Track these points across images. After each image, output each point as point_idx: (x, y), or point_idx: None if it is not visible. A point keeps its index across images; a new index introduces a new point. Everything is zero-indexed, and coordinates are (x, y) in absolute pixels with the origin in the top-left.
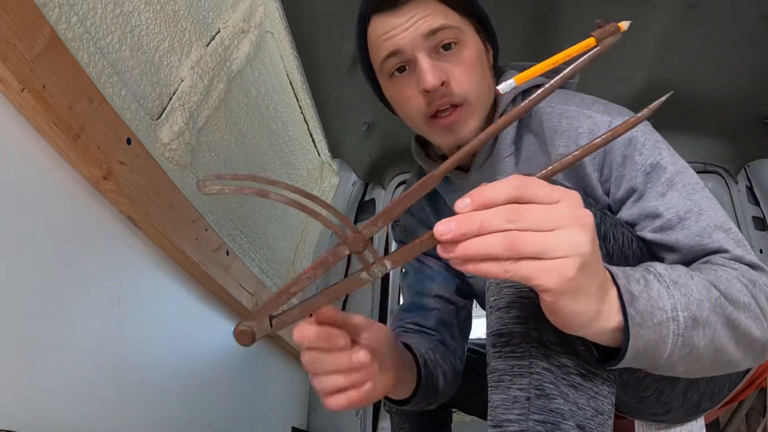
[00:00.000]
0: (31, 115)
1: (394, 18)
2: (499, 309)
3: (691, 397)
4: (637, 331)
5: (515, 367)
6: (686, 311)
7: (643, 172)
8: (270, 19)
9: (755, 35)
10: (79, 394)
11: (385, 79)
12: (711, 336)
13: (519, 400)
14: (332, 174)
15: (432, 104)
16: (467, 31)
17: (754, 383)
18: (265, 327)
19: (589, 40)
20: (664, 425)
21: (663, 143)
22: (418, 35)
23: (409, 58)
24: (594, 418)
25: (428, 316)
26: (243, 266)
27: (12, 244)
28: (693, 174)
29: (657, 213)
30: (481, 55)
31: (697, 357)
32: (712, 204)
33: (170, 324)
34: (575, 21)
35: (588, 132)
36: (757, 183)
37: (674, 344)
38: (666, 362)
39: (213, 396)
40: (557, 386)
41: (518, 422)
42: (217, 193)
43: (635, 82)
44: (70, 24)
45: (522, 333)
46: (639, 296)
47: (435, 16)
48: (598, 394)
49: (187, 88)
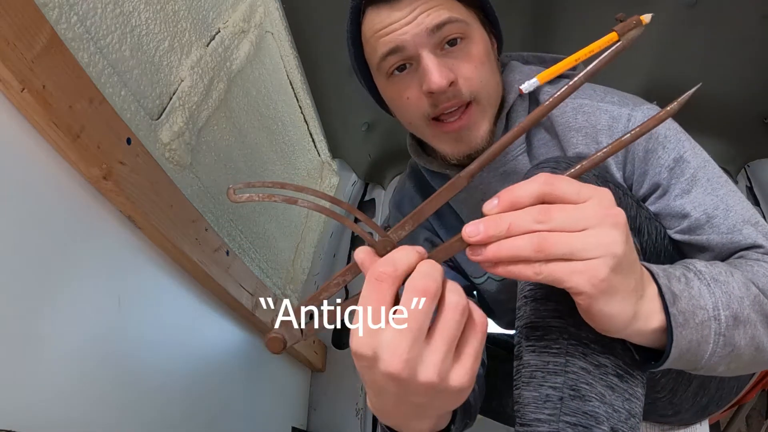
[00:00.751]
0: (31, 115)
1: (394, 11)
2: (536, 300)
3: (700, 399)
4: (680, 332)
5: (550, 363)
6: (728, 310)
7: (667, 167)
8: (270, 19)
9: (755, 35)
10: (79, 394)
11: (382, 79)
12: (752, 334)
13: (551, 400)
14: (332, 174)
15: (437, 106)
16: (473, 24)
17: (758, 385)
18: (296, 334)
19: (611, 35)
20: (669, 427)
21: (684, 134)
22: (421, 30)
23: (411, 56)
24: (627, 421)
25: None
26: (243, 266)
27: (12, 243)
28: (715, 166)
29: (684, 213)
30: (489, 50)
31: (737, 356)
32: (737, 198)
33: (170, 324)
34: (575, 21)
35: (608, 127)
36: (757, 183)
37: (716, 344)
38: (708, 362)
39: (213, 395)
40: (594, 387)
41: (548, 423)
42: (246, 200)
43: (635, 82)
44: (70, 24)
45: (559, 328)
46: (681, 295)
47: (439, 8)
48: (633, 396)
49: (187, 88)
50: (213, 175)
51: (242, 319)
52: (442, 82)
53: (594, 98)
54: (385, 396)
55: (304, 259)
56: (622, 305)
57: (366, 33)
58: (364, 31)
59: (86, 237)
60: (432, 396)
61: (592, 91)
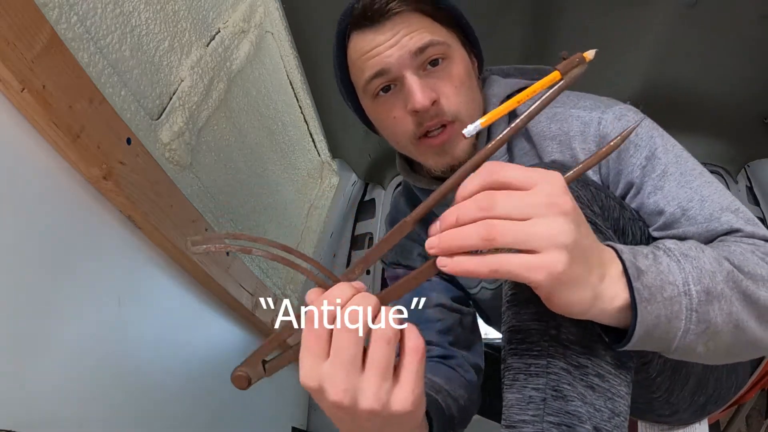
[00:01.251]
0: (31, 115)
1: (378, 34)
2: (517, 304)
3: (698, 399)
4: (645, 307)
5: (532, 366)
6: (699, 284)
7: (639, 166)
8: (270, 19)
9: (755, 35)
10: (79, 394)
11: (368, 100)
12: (728, 310)
13: (534, 401)
14: (332, 174)
15: (422, 125)
16: (454, 45)
17: (758, 384)
18: (259, 372)
19: (554, 74)
20: (668, 427)
21: (657, 131)
22: (405, 53)
23: (395, 77)
24: (611, 420)
25: (429, 328)
26: (243, 266)
27: (12, 243)
28: (690, 160)
29: (659, 209)
30: (469, 69)
31: (715, 335)
32: (714, 188)
33: (170, 324)
34: (575, 21)
35: (580, 133)
36: (757, 183)
37: (688, 320)
38: (682, 341)
39: (213, 395)
40: (575, 387)
41: (533, 423)
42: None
43: (635, 82)
44: (70, 24)
45: (540, 330)
46: (647, 271)
47: (421, 31)
48: (615, 395)
49: (187, 88)
50: (213, 175)
51: (242, 319)
52: (426, 102)
53: (567, 105)
54: (344, 423)
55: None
56: (581, 291)
57: (352, 56)
58: (349, 54)
59: (86, 237)
60: (381, 422)
61: (565, 97)
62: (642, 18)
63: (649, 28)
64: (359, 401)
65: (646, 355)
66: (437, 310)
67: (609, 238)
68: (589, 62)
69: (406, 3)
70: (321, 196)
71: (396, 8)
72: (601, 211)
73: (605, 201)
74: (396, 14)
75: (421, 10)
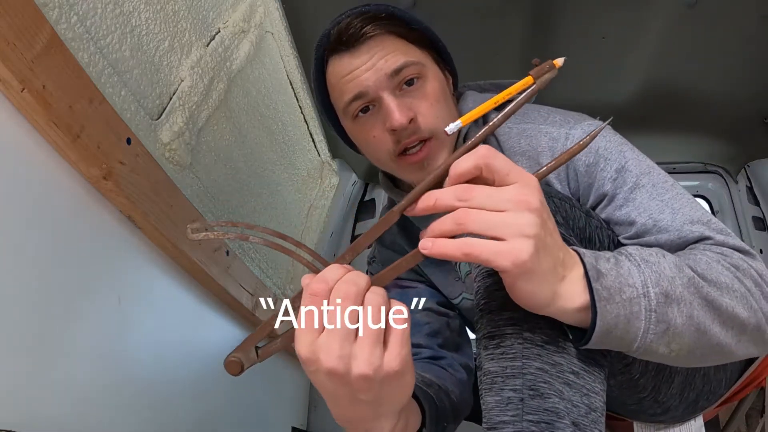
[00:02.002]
0: (31, 115)
1: (354, 58)
2: (491, 312)
3: (688, 395)
4: (604, 306)
5: (508, 368)
6: (657, 287)
7: (610, 179)
8: (270, 19)
9: (755, 35)
10: (79, 394)
11: (348, 121)
12: (688, 313)
13: (513, 402)
14: (332, 174)
15: (400, 142)
16: (428, 64)
17: (754, 382)
18: (252, 357)
19: (527, 79)
20: (663, 425)
21: (626, 145)
22: (381, 76)
23: (373, 98)
24: (588, 415)
25: (417, 332)
26: (243, 266)
27: (12, 244)
28: (661, 173)
29: (630, 220)
30: (444, 86)
31: (676, 336)
32: (685, 201)
33: (170, 324)
34: (575, 21)
35: (548, 149)
36: (757, 183)
37: (648, 320)
38: (643, 341)
39: (213, 395)
40: (552, 385)
41: (512, 423)
42: (202, 238)
43: (635, 81)
44: (70, 24)
45: (513, 334)
46: (607, 273)
47: (396, 53)
48: (591, 391)
49: (187, 88)
50: (213, 175)
51: (242, 319)
52: (403, 120)
53: (537, 121)
54: (339, 399)
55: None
56: (543, 285)
57: (330, 79)
58: (328, 78)
59: (86, 237)
60: (375, 389)
61: (536, 113)
62: (642, 18)
63: (649, 28)
64: (353, 367)
65: (626, 357)
66: (425, 314)
67: (573, 245)
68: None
69: (380, 26)
70: (321, 196)
71: (370, 32)
72: (564, 220)
73: (569, 211)
74: (370, 38)
75: (394, 32)
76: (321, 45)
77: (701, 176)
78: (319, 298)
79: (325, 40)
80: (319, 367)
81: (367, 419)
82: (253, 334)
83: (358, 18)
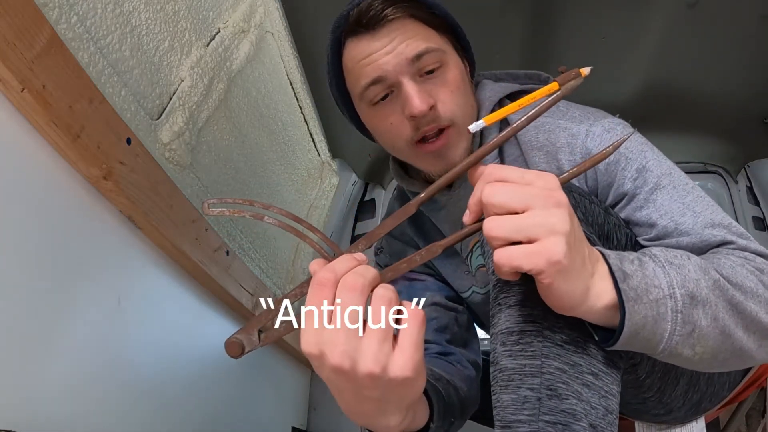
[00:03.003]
0: (31, 115)
1: (374, 41)
2: (510, 306)
3: (692, 396)
4: (632, 306)
5: (526, 366)
6: (683, 288)
7: (631, 178)
8: (270, 19)
9: (755, 35)
10: (79, 394)
11: (365, 106)
12: (713, 315)
13: (530, 401)
14: (332, 174)
15: (419, 129)
16: (448, 51)
17: (755, 383)
18: (254, 341)
19: (553, 85)
20: (665, 426)
21: (647, 146)
22: (402, 60)
23: (392, 83)
24: (605, 417)
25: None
26: (243, 266)
27: (12, 244)
28: (681, 175)
29: (651, 222)
30: (463, 74)
31: (702, 338)
32: (706, 203)
33: (170, 324)
34: (576, 21)
35: (567, 144)
36: (757, 183)
37: (674, 321)
38: (669, 343)
39: (213, 395)
40: (570, 386)
41: (528, 423)
42: (218, 214)
43: (635, 81)
44: (70, 24)
45: (534, 331)
46: (632, 275)
47: (416, 38)
48: (608, 393)
49: (187, 88)
50: (213, 175)
51: (242, 319)
52: (423, 107)
53: (555, 116)
54: (345, 394)
55: (304, 259)
56: (576, 282)
57: (347, 63)
58: (345, 61)
59: (86, 237)
60: (382, 388)
61: (555, 107)
62: (642, 18)
63: (649, 28)
64: (359, 364)
65: (634, 357)
66: (433, 308)
67: (593, 242)
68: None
69: (401, 9)
70: (321, 196)
71: (391, 15)
72: (584, 216)
73: (589, 207)
74: (391, 21)
75: (415, 16)
76: (338, 26)
77: (701, 176)
78: (326, 289)
79: (343, 22)
80: (323, 362)
81: (372, 414)
82: (258, 316)
83: (379, 0)
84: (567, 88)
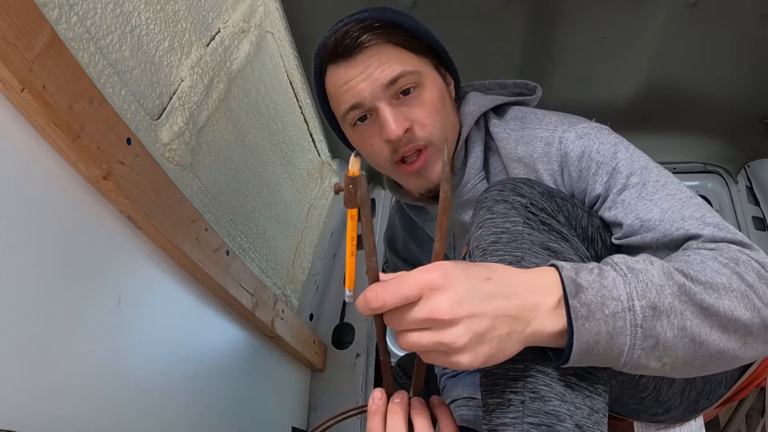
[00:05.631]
0: (31, 115)
1: (350, 68)
2: None
3: (689, 395)
4: (582, 324)
5: (510, 370)
6: (643, 299)
7: (602, 181)
8: (270, 19)
9: (755, 35)
10: (79, 394)
11: (348, 128)
12: (680, 325)
13: (513, 404)
14: (332, 174)
15: (397, 151)
16: (426, 71)
17: (754, 382)
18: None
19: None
20: (664, 425)
21: (621, 145)
22: (377, 86)
23: (369, 108)
24: (590, 417)
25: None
26: (243, 266)
27: (11, 244)
28: (654, 172)
29: (618, 221)
30: (442, 92)
31: (668, 349)
32: (677, 200)
33: (170, 324)
34: (575, 21)
35: (543, 154)
36: (757, 183)
37: (633, 335)
38: (630, 357)
39: (212, 395)
40: (553, 388)
41: (513, 426)
42: None
43: (635, 81)
44: (70, 24)
45: None
46: (588, 287)
47: (391, 63)
48: (594, 393)
49: (187, 88)
50: (213, 175)
51: (242, 319)
52: (398, 132)
53: (532, 126)
54: None
55: (304, 259)
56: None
57: (329, 88)
58: (327, 86)
59: (86, 237)
60: None
61: (534, 117)
62: (642, 18)
63: (649, 28)
64: None
65: None
66: None
67: (575, 246)
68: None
69: (377, 36)
70: (321, 196)
71: (366, 42)
72: (567, 220)
73: (572, 210)
74: (367, 47)
75: (391, 41)
76: (319, 54)
77: (701, 176)
78: (378, 418)
79: (323, 50)
80: None
81: None
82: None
83: (355, 27)
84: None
